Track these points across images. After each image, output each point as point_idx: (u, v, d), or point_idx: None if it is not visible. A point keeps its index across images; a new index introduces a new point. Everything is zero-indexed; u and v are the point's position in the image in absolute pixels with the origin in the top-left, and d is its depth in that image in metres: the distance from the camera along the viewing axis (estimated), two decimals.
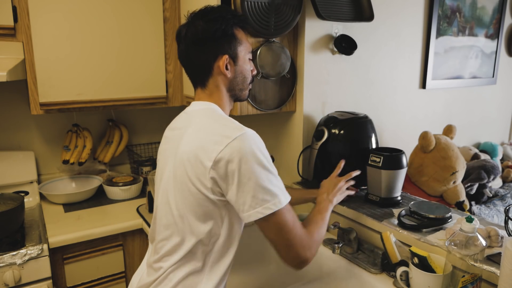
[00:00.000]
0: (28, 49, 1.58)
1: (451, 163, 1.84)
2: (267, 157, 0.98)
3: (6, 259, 1.38)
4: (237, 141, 0.95)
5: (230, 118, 1.05)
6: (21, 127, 1.93)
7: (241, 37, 1.09)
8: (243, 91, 1.14)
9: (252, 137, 0.98)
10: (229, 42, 1.06)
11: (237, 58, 1.08)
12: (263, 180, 0.94)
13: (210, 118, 1.04)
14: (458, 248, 0.98)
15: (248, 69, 1.12)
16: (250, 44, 1.14)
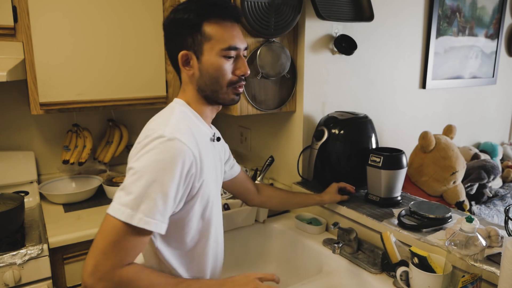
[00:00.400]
0: (28, 49, 1.58)
1: (451, 163, 1.84)
2: (168, 168, 0.88)
3: (6, 259, 1.38)
4: (150, 140, 0.91)
5: (172, 117, 0.98)
6: (21, 127, 1.93)
7: (211, 31, 0.98)
8: (218, 94, 1.02)
9: (164, 141, 0.90)
10: (192, 37, 0.98)
11: (202, 55, 0.99)
12: (141, 185, 0.87)
13: (155, 117, 1.03)
14: (458, 248, 0.98)
15: (222, 68, 1.00)
16: (233, 39, 1.00)
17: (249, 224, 1.59)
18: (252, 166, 1.93)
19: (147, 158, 0.89)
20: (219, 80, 1.01)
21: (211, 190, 1.03)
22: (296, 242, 1.53)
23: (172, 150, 0.89)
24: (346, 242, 1.34)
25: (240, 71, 1.02)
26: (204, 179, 0.98)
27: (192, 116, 1.03)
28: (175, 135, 0.91)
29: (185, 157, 0.91)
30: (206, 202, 1.02)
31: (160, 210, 0.88)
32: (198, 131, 1.02)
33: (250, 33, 1.48)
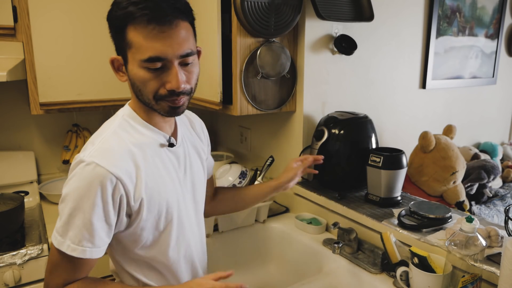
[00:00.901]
0: (28, 49, 1.58)
1: (451, 163, 1.84)
2: (87, 195, 0.85)
3: (6, 259, 1.38)
4: (74, 163, 0.89)
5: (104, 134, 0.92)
6: (21, 127, 1.93)
7: (132, 38, 0.84)
8: (152, 106, 0.91)
9: (82, 167, 0.86)
10: (119, 41, 0.88)
11: (127, 63, 0.89)
12: (66, 212, 0.86)
13: (99, 130, 0.97)
14: (458, 248, 0.98)
15: (143, 80, 0.87)
16: (154, 48, 0.83)
17: (249, 224, 1.59)
18: (252, 166, 1.93)
19: (70, 185, 0.87)
20: (144, 93, 0.89)
21: (165, 200, 0.97)
22: (296, 242, 1.53)
23: (89, 177, 0.85)
24: (346, 242, 1.34)
25: (170, 85, 0.87)
26: (146, 195, 0.92)
27: (135, 124, 0.95)
28: (94, 158, 0.86)
29: (103, 181, 0.85)
30: (159, 214, 0.96)
31: (86, 238, 0.87)
32: (140, 141, 0.94)
33: (250, 33, 1.48)
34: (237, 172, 1.76)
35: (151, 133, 0.97)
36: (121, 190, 0.88)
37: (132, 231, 0.94)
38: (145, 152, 0.94)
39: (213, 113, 2.36)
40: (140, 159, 0.92)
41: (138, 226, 0.94)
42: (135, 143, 0.93)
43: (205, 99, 1.64)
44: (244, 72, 1.50)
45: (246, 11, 1.41)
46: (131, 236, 0.95)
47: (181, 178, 1.04)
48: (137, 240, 0.96)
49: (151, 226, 0.96)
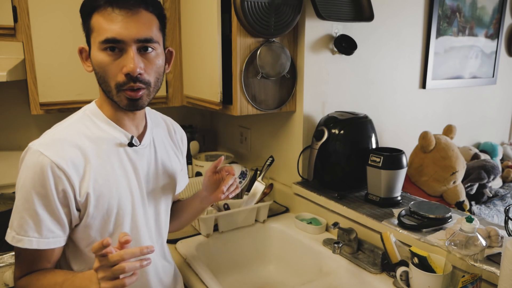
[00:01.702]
0: (28, 49, 1.58)
1: (451, 163, 1.84)
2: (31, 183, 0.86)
3: (6, 259, 1.38)
4: (24, 151, 0.90)
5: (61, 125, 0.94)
6: (21, 127, 1.93)
7: (95, 22, 0.86)
8: (112, 97, 0.90)
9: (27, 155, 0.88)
10: (84, 26, 0.90)
11: (90, 48, 0.89)
12: (15, 203, 0.89)
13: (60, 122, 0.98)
14: (458, 248, 0.98)
15: (102, 64, 0.86)
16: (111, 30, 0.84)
17: (249, 224, 1.59)
18: (252, 166, 1.93)
19: (19, 173, 0.89)
20: (106, 80, 0.88)
21: (116, 200, 0.94)
22: (296, 242, 1.53)
23: (32, 165, 0.86)
24: (346, 242, 1.34)
25: (126, 68, 0.85)
26: (93, 191, 0.90)
27: (96, 120, 0.95)
28: (40, 147, 0.86)
29: (45, 170, 0.85)
30: (108, 214, 0.94)
31: (32, 227, 0.87)
32: (98, 136, 0.93)
33: (250, 33, 1.48)
34: (237, 172, 1.76)
35: (111, 130, 0.96)
36: (64, 182, 0.87)
37: (80, 228, 0.94)
38: (100, 147, 0.93)
39: (213, 113, 2.36)
40: (92, 154, 0.91)
41: (85, 222, 0.92)
42: (90, 136, 0.93)
43: (205, 99, 1.64)
44: (244, 72, 1.50)
45: (246, 11, 1.41)
46: (79, 232, 0.94)
47: (142, 181, 1.00)
48: (84, 238, 0.95)
49: (99, 225, 0.94)
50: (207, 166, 1.94)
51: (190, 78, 1.77)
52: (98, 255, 0.76)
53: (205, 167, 1.95)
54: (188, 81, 1.81)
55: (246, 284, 1.50)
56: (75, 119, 0.95)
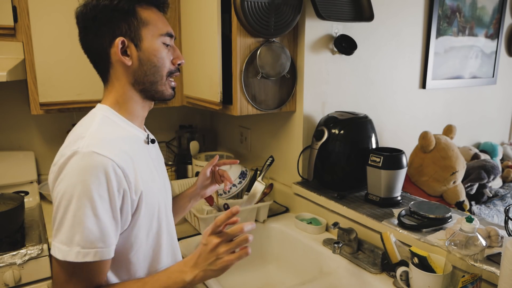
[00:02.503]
0: (28, 49, 1.58)
1: (451, 163, 1.84)
2: (92, 187, 0.79)
3: (6, 259, 1.38)
4: (65, 159, 0.81)
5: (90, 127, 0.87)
6: (21, 127, 1.93)
7: (147, 16, 0.91)
8: (157, 85, 0.94)
9: (80, 159, 0.80)
10: (127, 22, 0.89)
11: (141, 42, 0.90)
12: (69, 215, 0.79)
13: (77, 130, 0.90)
14: (458, 248, 0.98)
15: (163, 56, 0.93)
16: (167, 26, 0.95)
17: None
18: (252, 166, 1.93)
19: (65, 182, 0.79)
20: (160, 69, 0.93)
21: (157, 199, 0.95)
22: (296, 242, 1.53)
23: (90, 167, 0.79)
24: (346, 242, 1.34)
25: (178, 59, 0.97)
26: (144, 189, 0.88)
27: (118, 122, 0.93)
28: (92, 148, 0.81)
29: (107, 170, 0.80)
30: (152, 215, 0.93)
31: (98, 237, 0.80)
32: (127, 136, 0.92)
33: (250, 33, 1.48)
34: (237, 172, 1.76)
35: (133, 130, 0.96)
36: (124, 182, 0.83)
37: (128, 231, 0.88)
38: (132, 146, 0.91)
39: (213, 113, 2.36)
40: (131, 152, 0.89)
41: (134, 224, 0.89)
42: (120, 136, 0.90)
43: (205, 99, 1.64)
44: (244, 72, 1.50)
45: (246, 11, 1.41)
46: (125, 237, 0.88)
47: (160, 176, 1.02)
48: (132, 243, 0.90)
49: (146, 224, 0.92)
50: None
51: (190, 78, 1.77)
52: (215, 233, 0.85)
53: None
54: (188, 81, 1.81)
55: (246, 284, 1.50)
56: (99, 122, 0.90)
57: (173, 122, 2.29)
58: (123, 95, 0.94)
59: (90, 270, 0.82)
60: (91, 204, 0.79)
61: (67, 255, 0.79)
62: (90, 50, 0.95)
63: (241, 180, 1.74)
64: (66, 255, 0.79)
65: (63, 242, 0.79)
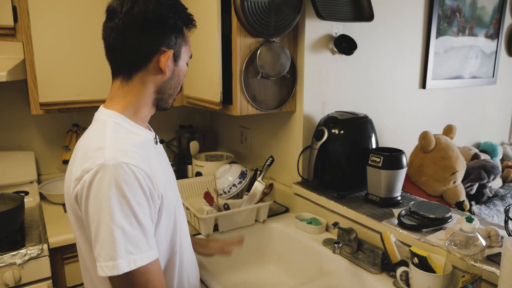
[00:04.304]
0: (28, 49, 1.58)
1: (451, 163, 1.84)
2: (129, 197, 0.80)
3: (6, 259, 1.38)
4: (90, 175, 0.80)
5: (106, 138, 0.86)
6: (21, 127, 1.93)
7: (187, 37, 0.98)
8: (170, 100, 1.01)
9: (111, 171, 0.79)
10: (177, 37, 0.93)
11: (180, 58, 0.96)
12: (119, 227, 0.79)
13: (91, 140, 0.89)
14: (458, 248, 0.98)
15: (185, 74, 1.01)
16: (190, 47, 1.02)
17: (249, 224, 1.59)
18: (252, 166, 1.93)
19: (102, 197, 0.79)
20: (179, 85, 1.01)
21: (173, 199, 0.97)
22: (296, 242, 1.53)
23: (123, 176, 0.80)
24: (346, 242, 1.34)
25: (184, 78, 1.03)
26: (163, 192, 0.90)
27: (129, 127, 0.92)
28: (118, 158, 0.81)
29: (139, 177, 0.82)
30: (170, 215, 0.94)
31: (144, 241, 0.82)
32: (140, 140, 0.92)
33: (250, 33, 1.48)
34: (237, 172, 1.77)
35: (143, 133, 0.96)
36: (151, 187, 0.85)
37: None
38: (146, 149, 0.92)
39: (213, 113, 2.36)
40: (147, 156, 0.89)
41: (158, 226, 0.90)
42: (136, 144, 0.89)
43: (205, 99, 1.64)
44: (244, 72, 1.50)
45: (246, 11, 1.41)
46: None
47: (169, 176, 1.03)
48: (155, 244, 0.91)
49: (165, 226, 0.93)
50: (207, 166, 1.94)
51: (190, 78, 1.77)
52: None
53: (205, 167, 1.94)
54: (188, 81, 1.81)
55: (246, 284, 1.50)
56: (111, 131, 0.88)
57: (173, 122, 2.30)
58: (140, 99, 0.94)
59: (150, 273, 0.83)
60: (133, 213, 0.80)
61: (122, 267, 0.79)
62: (126, 45, 0.89)
63: (241, 180, 1.75)
64: (122, 268, 0.79)
65: (118, 255, 0.79)
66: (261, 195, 1.59)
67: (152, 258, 0.83)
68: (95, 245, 0.80)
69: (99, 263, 0.80)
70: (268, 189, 1.64)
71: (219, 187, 1.76)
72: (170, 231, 0.96)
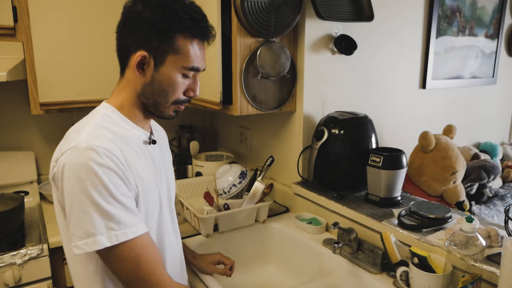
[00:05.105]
0: (28, 49, 1.58)
1: (451, 163, 1.84)
2: (102, 177, 0.82)
3: (6, 259, 1.38)
4: (64, 157, 0.84)
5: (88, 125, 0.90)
6: (21, 127, 1.93)
7: (182, 45, 0.91)
8: (160, 108, 0.96)
9: (81, 153, 0.82)
10: (159, 41, 0.89)
11: (162, 64, 0.91)
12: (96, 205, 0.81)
13: (76, 125, 0.94)
14: (458, 248, 0.98)
15: (176, 84, 0.93)
16: (198, 60, 0.96)
17: (249, 224, 1.59)
18: (252, 166, 1.93)
19: (75, 178, 0.81)
20: (168, 95, 0.94)
21: (155, 199, 0.97)
22: (296, 242, 1.53)
23: (93, 157, 0.82)
24: (346, 242, 1.34)
25: (192, 92, 0.98)
26: (139, 186, 0.91)
27: (118, 120, 0.94)
28: (90, 141, 0.84)
29: (109, 158, 0.84)
30: (152, 212, 0.96)
31: (124, 216, 0.84)
32: (125, 134, 0.93)
33: (250, 33, 1.48)
34: (237, 172, 1.77)
35: (133, 129, 0.97)
36: (124, 171, 0.86)
37: None
38: (130, 145, 0.93)
39: (213, 113, 2.36)
40: (126, 150, 0.90)
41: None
42: (120, 135, 0.92)
43: (205, 99, 1.64)
44: (244, 72, 1.50)
45: (246, 11, 1.41)
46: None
47: (163, 176, 1.04)
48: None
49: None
50: (207, 166, 1.94)
51: None
52: None
53: (205, 167, 1.94)
54: None
55: (246, 284, 1.50)
56: (97, 121, 0.92)
57: (173, 122, 2.29)
58: (129, 99, 0.96)
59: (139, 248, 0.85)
60: (109, 192, 0.82)
61: (104, 242, 0.81)
62: (119, 42, 0.96)
63: (241, 180, 1.75)
64: (103, 243, 0.81)
65: (96, 233, 0.81)
66: (261, 195, 1.59)
67: (138, 233, 0.85)
68: (69, 224, 0.83)
69: (74, 242, 0.82)
70: (268, 189, 1.64)
71: (219, 187, 1.76)
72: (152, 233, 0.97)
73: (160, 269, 0.89)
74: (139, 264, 0.85)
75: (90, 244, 0.81)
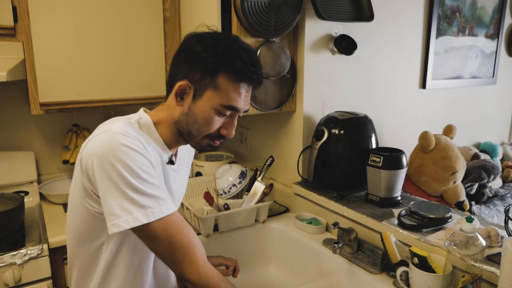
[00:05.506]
0: (28, 49, 1.58)
1: (451, 163, 1.84)
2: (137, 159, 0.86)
3: (6, 259, 1.38)
4: (96, 139, 0.88)
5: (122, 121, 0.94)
6: (21, 127, 1.93)
7: (223, 84, 0.93)
8: (194, 138, 0.99)
9: (113, 136, 0.87)
10: (202, 75, 0.92)
11: (200, 97, 0.94)
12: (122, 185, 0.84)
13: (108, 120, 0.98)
14: (458, 248, 0.98)
15: (209, 119, 0.95)
16: (237, 101, 0.95)
17: (249, 224, 1.59)
18: (252, 166, 1.93)
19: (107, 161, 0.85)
20: (201, 129, 0.97)
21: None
22: (296, 242, 1.53)
23: (126, 142, 0.87)
24: (346, 242, 1.34)
25: (225, 131, 0.99)
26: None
27: (149, 137, 0.98)
28: (124, 129, 0.89)
29: (139, 146, 0.89)
30: None
31: (156, 195, 0.88)
32: (151, 151, 0.95)
33: (250, 33, 1.48)
34: (237, 172, 1.76)
35: (161, 152, 1.01)
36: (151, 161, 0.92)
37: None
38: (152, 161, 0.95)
39: None
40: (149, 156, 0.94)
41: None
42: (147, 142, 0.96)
43: None
44: None
45: (246, 11, 1.41)
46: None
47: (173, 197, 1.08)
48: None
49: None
50: (207, 166, 1.94)
51: None
52: None
53: (205, 167, 1.94)
54: None
55: (246, 284, 1.50)
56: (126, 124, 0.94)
57: None
58: (166, 121, 1.00)
59: (171, 228, 0.89)
60: (141, 171, 0.86)
61: (142, 219, 0.85)
62: (170, 69, 1.00)
63: (241, 180, 1.75)
64: (141, 219, 0.85)
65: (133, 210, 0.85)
66: (261, 195, 1.59)
67: (172, 210, 0.89)
68: (105, 205, 0.86)
69: (112, 220, 0.85)
70: (268, 189, 1.64)
71: (219, 187, 1.76)
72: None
73: (192, 249, 0.92)
74: (172, 243, 0.89)
75: (130, 221, 0.84)
